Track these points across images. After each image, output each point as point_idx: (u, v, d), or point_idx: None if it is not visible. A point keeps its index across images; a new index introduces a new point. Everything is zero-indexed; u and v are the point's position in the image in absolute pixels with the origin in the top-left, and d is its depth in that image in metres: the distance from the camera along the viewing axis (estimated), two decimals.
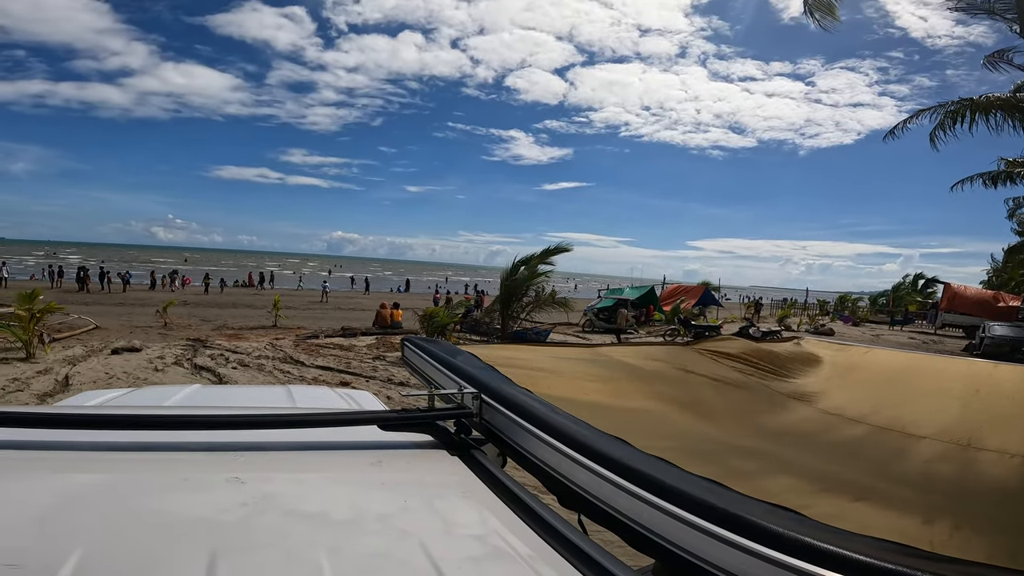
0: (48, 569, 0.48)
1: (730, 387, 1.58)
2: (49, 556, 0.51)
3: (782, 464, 1.03)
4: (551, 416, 0.92)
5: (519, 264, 14.27)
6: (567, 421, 0.90)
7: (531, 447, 0.93)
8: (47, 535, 0.57)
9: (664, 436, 1.04)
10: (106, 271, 30.09)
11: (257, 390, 2.75)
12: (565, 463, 0.82)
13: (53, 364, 7.83)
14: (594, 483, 0.75)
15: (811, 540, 0.51)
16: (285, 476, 0.82)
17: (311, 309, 22.67)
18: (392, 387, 7.60)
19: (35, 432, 0.82)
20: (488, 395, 1.10)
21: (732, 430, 1.24)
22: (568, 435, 0.84)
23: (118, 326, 13.44)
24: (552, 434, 0.87)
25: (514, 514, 0.73)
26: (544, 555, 0.63)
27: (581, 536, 0.66)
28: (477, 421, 1.11)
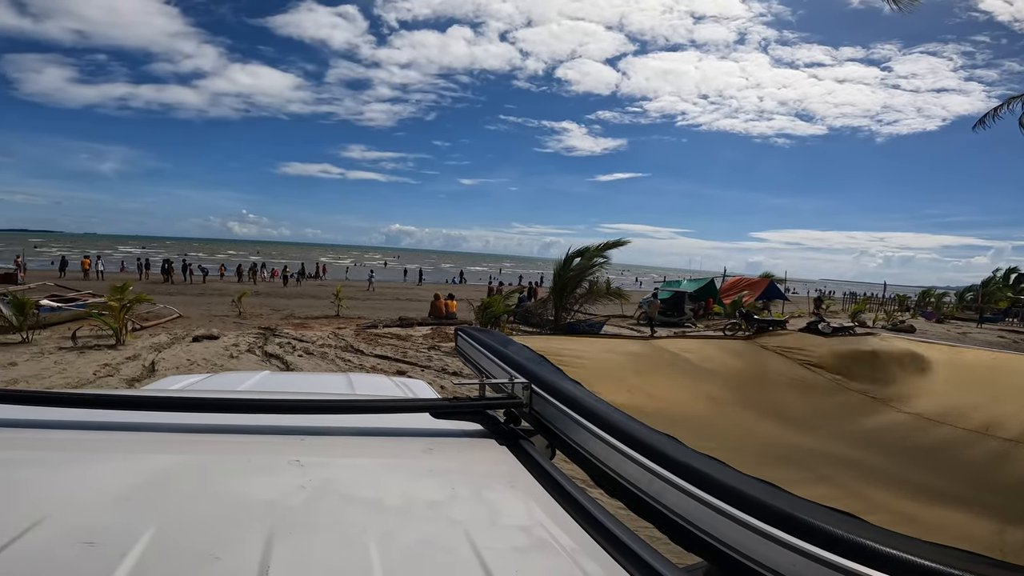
0: (121, 547, 0.52)
1: (793, 385, 1.49)
2: (123, 534, 0.55)
3: (846, 467, 0.97)
4: (601, 408, 0.91)
5: (574, 256, 14.14)
6: (617, 414, 0.88)
7: (580, 439, 0.92)
8: (124, 513, 0.61)
9: (718, 434, 1.00)
10: (188, 263, 32.50)
11: (320, 377, 2.89)
12: (614, 456, 0.81)
13: (141, 351, 8.55)
14: (644, 478, 0.74)
15: (871, 543, 0.49)
16: (341, 460, 0.85)
17: (371, 300, 23.52)
18: (446, 376, 7.77)
19: (123, 414, 0.89)
20: (539, 386, 1.09)
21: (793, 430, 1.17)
22: (618, 428, 0.83)
23: (198, 315, 14.50)
24: (602, 426, 0.86)
25: (560, 506, 0.72)
26: (588, 549, 0.62)
27: (627, 532, 0.64)
28: (527, 411, 1.11)
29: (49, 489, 0.66)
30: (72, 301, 12.23)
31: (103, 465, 0.76)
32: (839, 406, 1.39)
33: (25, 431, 0.85)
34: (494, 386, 1.27)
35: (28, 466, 0.74)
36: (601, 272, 14.38)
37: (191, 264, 32.56)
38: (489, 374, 1.49)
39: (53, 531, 0.54)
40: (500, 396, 1.16)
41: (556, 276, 14.25)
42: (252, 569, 0.51)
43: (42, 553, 0.50)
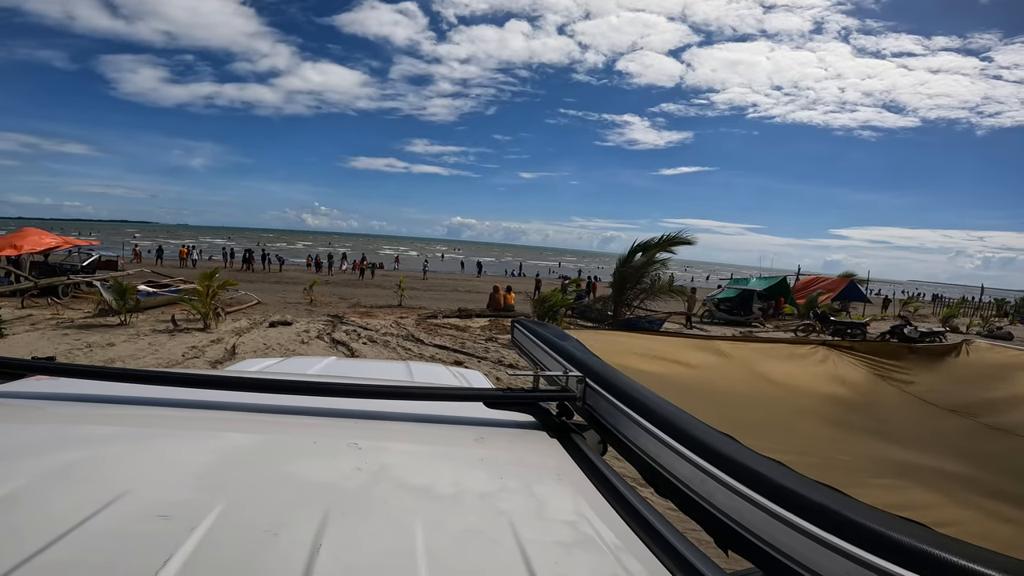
0: (191, 521, 0.56)
1: (868, 391, 1.39)
2: (195, 509, 0.58)
3: (921, 477, 0.89)
4: (655, 404, 0.89)
5: (635, 250, 13.83)
6: (672, 411, 0.86)
7: (632, 435, 0.90)
8: (197, 489, 0.65)
9: (780, 437, 0.95)
10: (267, 253, 34.78)
11: (381, 364, 3.00)
12: (666, 454, 0.79)
13: (224, 335, 9.24)
14: (695, 477, 0.71)
15: (939, 553, 0.45)
16: (396, 445, 0.88)
17: (431, 290, 24.15)
18: (502, 368, 7.86)
19: (205, 392, 0.96)
20: (593, 379, 1.08)
21: (864, 437, 1.09)
22: (672, 425, 0.81)
23: (274, 302, 15.47)
24: (655, 423, 0.84)
25: (608, 503, 0.71)
26: (633, 548, 0.61)
27: (675, 533, 0.62)
28: (580, 405, 1.10)
29: (136, 463, 0.72)
30: (166, 287, 13.39)
31: (184, 442, 0.82)
32: (919, 415, 1.28)
33: (119, 407, 0.93)
34: (548, 378, 1.27)
35: (120, 441, 0.82)
36: (663, 268, 13.97)
37: (269, 254, 34.80)
38: (544, 366, 1.49)
39: (134, 505, 0.59)
40: (554, 389, 1.15)
41: (616, 271, 14.00)
42: (305, 547, 0.53)
43: (121, 526, 0.54)
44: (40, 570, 0.45)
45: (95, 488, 0.61)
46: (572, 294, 14.54)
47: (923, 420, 1.25)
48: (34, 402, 0.93)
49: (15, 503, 0.56)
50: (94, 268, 16.08)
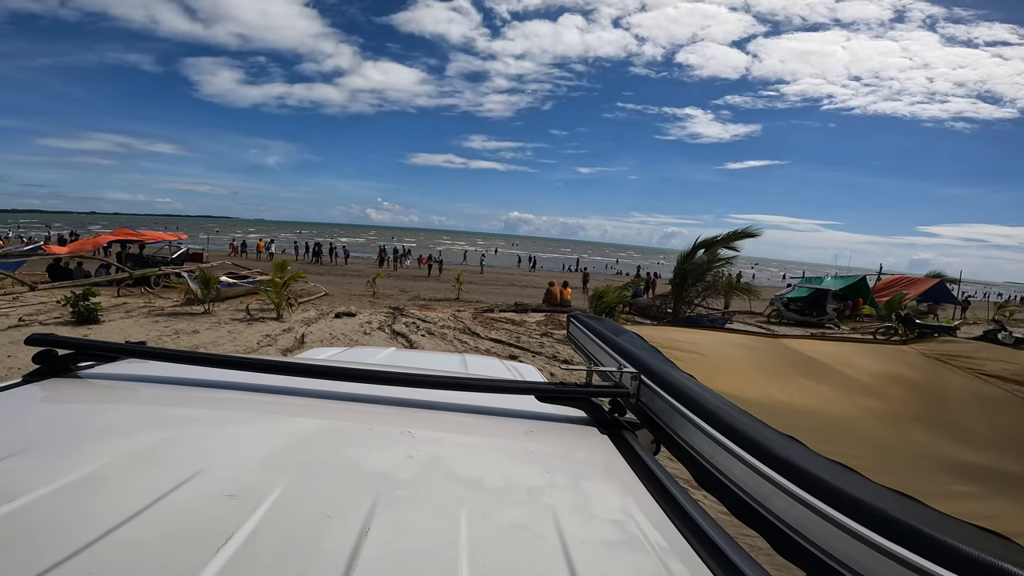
0: (254, 502, 0.59)
1: (955, 395, 1.26)
2: (259, 490, 0.62)
3: (1008, 485, 0.80)
4: (713, 404, 0.85)
5: (698, 246, 13.35)
6: (731, 412, 0.82)
7: (687, 435, 0.87)
8: (262, 471, 0.69)
9: (849, 441, 0.88)
10: (334, 247, 36.51)
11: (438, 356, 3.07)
12: (721, 456, 0.76)
13: (294, 324, 9.77)
14: (751, 480, 0.68)
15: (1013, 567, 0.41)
16: (447, 435, 0.89)
17: (488, 284, 24.41)
18: (556, 364, 7.82)
19: (276, 378, 1.03)
20: (648, 377, 1.05)
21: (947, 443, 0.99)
22: (730, 427, 0.77)
23: (340, 293, 16.20)
24: (712, 423, 0.80)
25: (656, 503, 0.69)
26: (679, 550, 0.59)
27: (726, 538, 0.60)
28: (633, 402, 1.07)
29: (211, 444, 0.78)
30: (244, 278, 14.34)
31: (254, 425, 0.88)
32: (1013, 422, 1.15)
33: (200, 390, 1.01)
34: (602, 374, 1.25)
35: (198, 422, 0.88)
36: (727, 265, 13.38)
37: (336, 248, 36.50)
38: (598, 362, 1.47)
39: (206, 484, 0.63)
40: (607, 385, 1.13)
41: (677, 267, 13.58)
42: (355, 531, 0.55)
43: (193, 504, 0.59)
44: (118, 545, 0.49)
45: (174, 467, 0.66)
46: (630, 290, 14.21)
47: (1013, 425, 1.13)
48: (126, 383, 1.02)
49: (102, 479, 0.62)
50: (182, 260, 17.48)
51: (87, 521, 0.52)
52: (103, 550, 0.48)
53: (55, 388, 0.96)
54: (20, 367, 0.90)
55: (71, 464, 0.64)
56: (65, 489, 0.58)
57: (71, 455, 0.68)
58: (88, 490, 0.59)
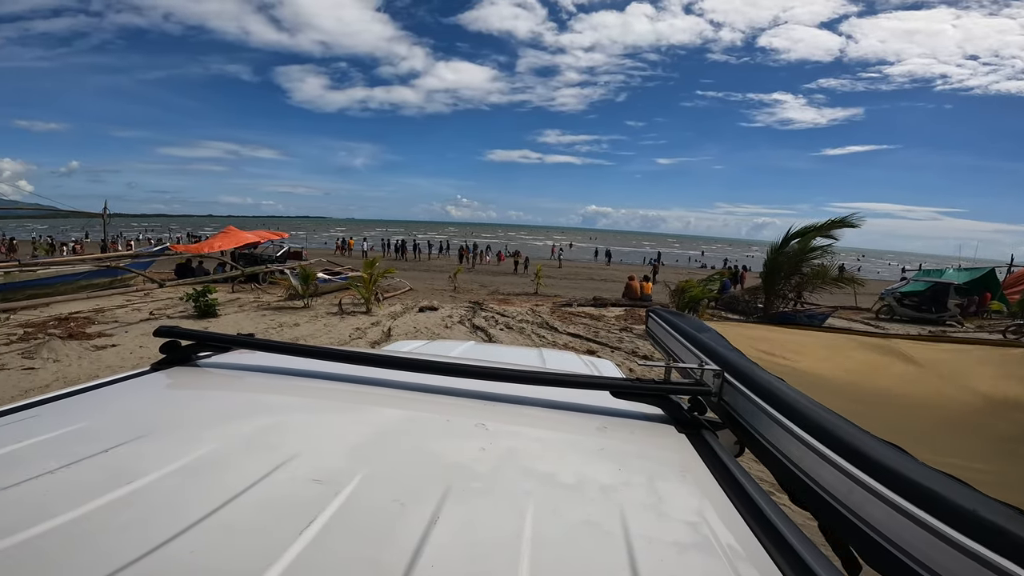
0: (336, 487, 0.64)
1: None
2: (341, 477, 0.67)
3: None
4: (804, 406, 0.80)
5: (791, 237, 12.41)
6: (824, 414, 0.76)
7: (773, 437, 0.82)
8: (347, 458, 0.74)
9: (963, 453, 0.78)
10: (417, 243, 38.16)
11: (515, 350, 3.10)
12: (811, 458, 0.71)
13: (382, 318, 10.31)
14: (844, 487, 0.63)
15: None
16: (520, 428, 0.91)
17: (566, 279, 24.30)
18: (635, 359, 7.63)
19: (364, 369, 1.10)
20: (732, 374, 1.01)
21: None
22: (822, 429, 0.72)
23: (423, 288, 16.88)
24: (802, 424, 0.75)
25: (733, 506, 0.66)
26: (755, 557, 0.56)
27: (809, 546, 0.56)
28: (715, 401, 1.03)
29: (305, 431, 0.84)
30: (338, 275, 15.36)
31: (342, 414, 0.94)
32: None
33: (298, 379, 1.10)
34: (682, 371, 1.21)
35: (294, 410, 0.96)
36: (826, 255, 12.31)
37: (419, 244, 38.10)
38: (678, 358, 1.42)
39: (297, 469, 0.69)
40: (687, 382, 1.10)
41: (768, 259, 12.71)
42: (425, 519, 0.58)
43: (283, 488, 0.64)
44: (217, 526, 0.55)
45: (271, 452, 0.73)
46: (716, 284, 13.50)
47: None
48: (236, 372, 1.14)
49: (211, 463, 0.69)
50: (285, 259, 19.05)
51: (194, 502, 0.59)
52: (204, 531, 0.54)
53: (178, 376, 1.10)
54: (151, 356, 1.06)
55: (186, 447, 0.73)
56: (179, 471, 0.66)
57: (186, 439, 0.77)
58: (198, 472, 0.66)
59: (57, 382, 5.74)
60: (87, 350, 7.06)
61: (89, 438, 0.75)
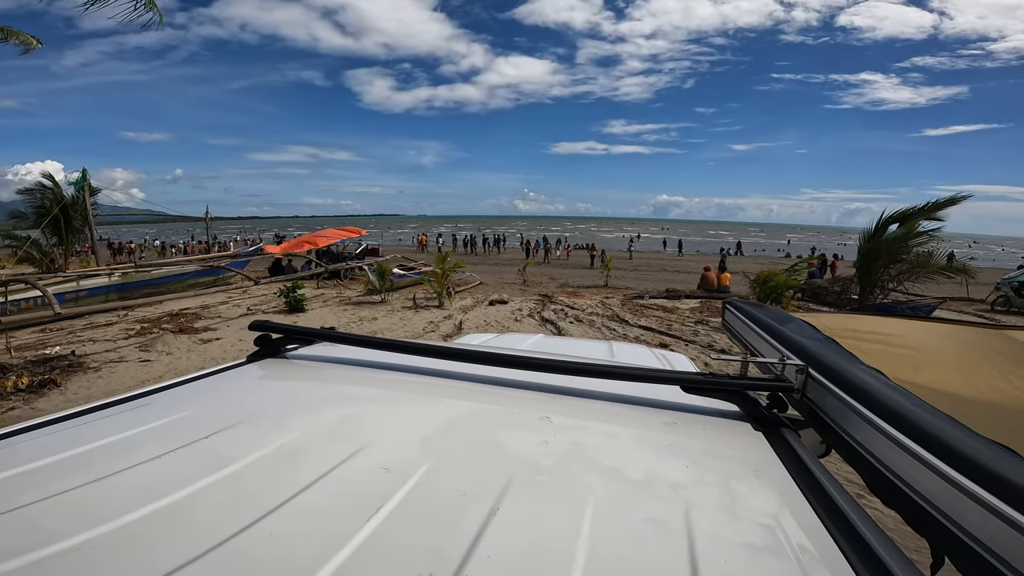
0: (404, 475, 0.66)
1: None
2: (409, 466, 0.69)
3: None
4: (901, 404, 0.73)
5: (888, 222, 11.32)
6: (925, 414, 0.69)
7: (864, 437, 0.75)
8: (415, 448, 0.77)
9: None
10: (486, 238, 38.78)
11: (584, 343, 3.06)
12: (906, 462, 0.64)
13: (454, 312, 10.58)
14: (943, 493, 0.57)
15: None
16: (584, 422, 0.90)
17: (637, 270, 23.70)
18: (712, 353, 7.30)
19: (436, 362, 1.13)
20: (818, 370, 0.94)
21: None
22: (921, 429, 0.65)
23: (492, 282, 17.13)
24: (898, 425, 0.69)
25: (812, 510, 0.62)
26: (834, 565, 0.52)
27: (899, 557, 0.51)
28: (798, 398, 0.97)
29: (378, 420, 0.89)
30: (412, 270, 15.96)
31: (414, 405, 0.98)
32: None
33: (374, 371, 1.15)
34: (761, 366, 1.14)
35: (370, 400, 1.01)
36: (931, 240, 11.10)
37: (488, 238, 38.69)
38: (757, 352, 1.35)
39: (368, 458, 0.72)
40: (766, 377, 1.04)
41: (862, 246, 11.67)
42: (485, 509, 0.59)
43: (355, 475, 0.68)
44: (294, 511, 0.59)
45: (347, 441, 0.77)
46: (801, 273, 12.56)
47: None
48: (319, 364, 1.22)
49: (294, 450, 0.74)
50: (364, 255, 20.06)
51: (277, 487, 0.63)
52: (283, 514, 0.58)
53: (269, 367, 1.19)
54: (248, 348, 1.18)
55: (273, 435, 0.79)
56: (266, 457, 0.71)
57: (274, 427, 0.83)
58: (283, 459, 0.72)
59: (169, 373, 6.41)
60: (195, 343, 7.83)
61: (192, 425, 0.82)
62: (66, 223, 17.58)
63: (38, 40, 8.26)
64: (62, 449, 0.73)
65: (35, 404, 5.26)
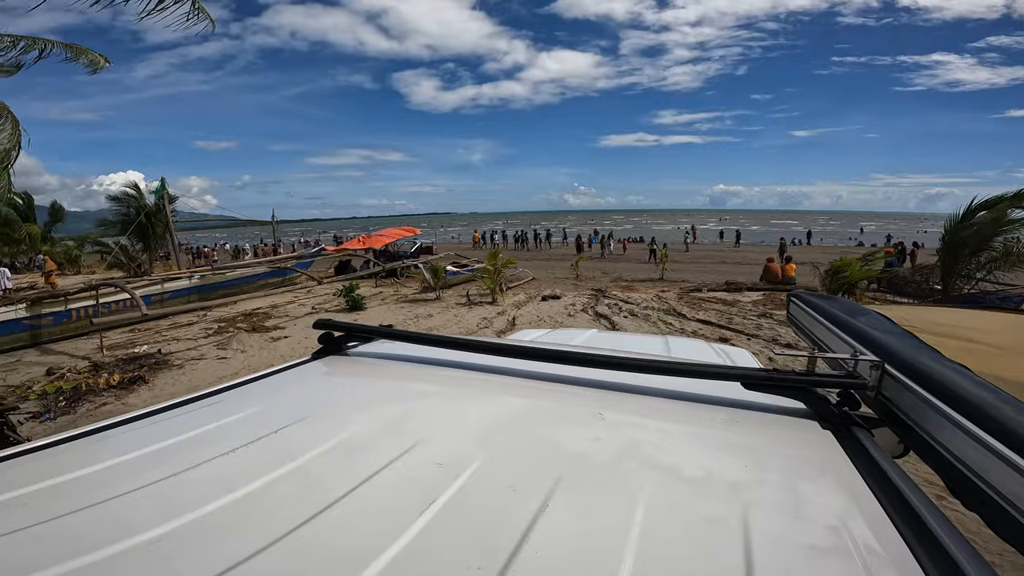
0: (457, 471, 0.68)
1: None
2: (461, 461, 0.71)
3: None
4: (990, 403, 0.67)
5: (977, 208, 10.36)
6: (1018, 414, 0.63)
7: (947, 438, 0.70)
8: (467, 443, 0.78)
9: None
10: (537, 233, 38.73)
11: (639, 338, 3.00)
12: (995, 464, 0.60)
13: (507, 308, 10.66)
14: None
15: None
16: (638, 419, 0.88)
17: (694, 263, 22.95)
18: (777, 348, 6.96)
19: (489, 358, 1.15)
20: (896, 366, 0.88)
21: None
22: (1012, 431, 0.60)
23: (545, 277, 17.11)
24: (986, 426, 0.64)
25: (886, 514, 0.58)
26: (905, 570, 0.49)
27: (980, 564, 0.47)
28: (871, 396, 0.91)
29: (433, 416, 0.91)
30: (465, 267, 16.22)
31: (467, 401, 0.99)
32: None
33: (429, 367, 1.18)
34: (830, 361, 1.09)
35: (426, 396, 1.04)
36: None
37: (540, 234, 38.64)
38: (826, 346, 1.28)
39: (423, 453, 0.74)
40: (836, 374, 0.98)
41: (948, 233, 10.75)
42: (534, 506, 0.59)
43: (410, 470, 0.70)
44: (353, 503, 0.61)
45: (403, 436, 0.80)
46: (877, 263, 11.71)
47: None
48: (378, 361, 1.26)
49: (354, 445, 0.78)
50: (418, 254, 20.59)
51: (337, 480, 0.66)
52: (342, 507, 0.60)
53: (331, 364, 1.24)
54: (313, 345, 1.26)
55: (335, 430, 0.83)
56: (328, 452, 0.75)
57: (336, 422, 0.88)
58: (343, 453, 0.75)
59: (244, 369, 6.86)
60: (266, 341, 8.32)
61: (263, 420, 0.88)
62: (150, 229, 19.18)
63: (106, 59, 8.86)
64: (148, 443, 0.79)
65: (126, 400, 5.78)
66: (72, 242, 27.58)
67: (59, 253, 25.57)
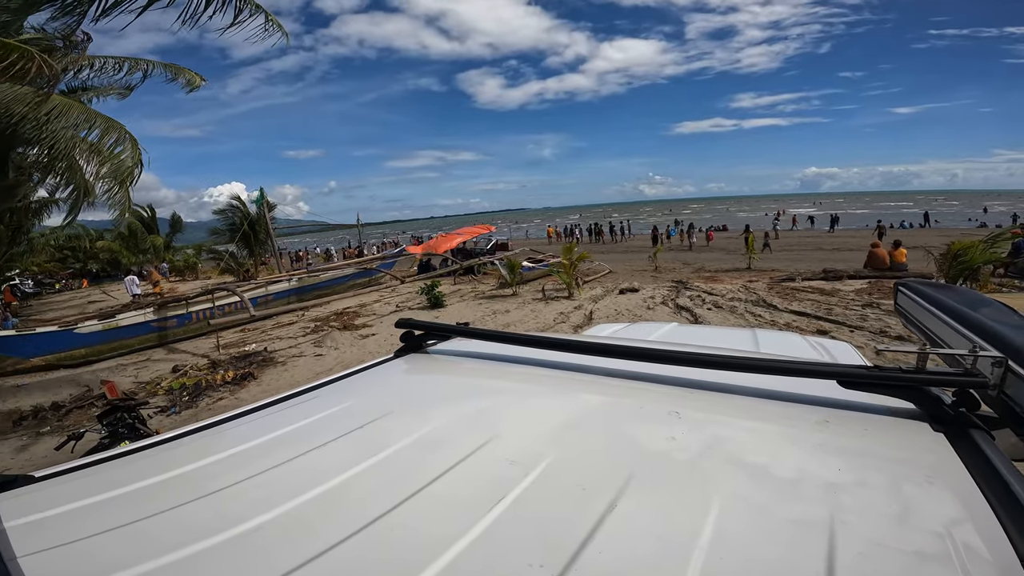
0: (528, 468, 0.69)
1: None
2: (533, 459, 0.72)
3: None
4: None
5: None
6: None
7: None
8: (540, 441, 0.79)
9: None
10: (613, 226, 37.94)
11: (724, 331, 2.86)
12: None
13: (584, 302, 10.56)
14: None
15: None
16: (716, 417, 0.85)
17: (785, 251, 21.40)
18: (886, 341, 6.33)
19: (564, 355, 1.15)
20: (1021, 362, 0.78)
21: None
22: None
23: (622, 270, 16.74)
24: None
25: (1002, 527, 0.52)
26: None
27: None
28: (993, 395, 0.82)
29: (507, 413, 0.93)
30: (540, 262, 16.28)
31: (540, 399, 1.01)
32: None
33: (504, 364, 1.21)
34: (945, 357, 0.99)
35: (501, 393, 1.06)
36: None
37: (615, 226, 37.82)
38: (939, 340, 1.17)
39: (496, 449, 0.76)
40: (950, 371, 0.89)
41: None
42: (603, 505, 0.59)
43: (483, 466, 0.72)
44: (428, 497, 0.64)
45: (478, 432, 0.82)
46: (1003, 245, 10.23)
47: None
48: (455, 358, 1.31)
49: (433, 440, 0.81)
50: (495, 250, 20.94)
51: (416, 474, 0.70)
52: (418, 500, 0.63)
53: (412, 361, 1.31)
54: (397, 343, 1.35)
55: (415, 426, 0.87)
56: (409, 447, 0.79)
57: (416, 418, 0.92)
58: (422, 448, 0.79)
59: (338, 365, 7.36)
60: (356, 339, 8.87)
61: (350, 416, 0.95)
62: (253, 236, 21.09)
63: (201, 77, 9.74)
64: (252, 438, 0.88)
65: (238, 395, 6.41)
66: (191, 250, 31.07)
67: (180, 261, 28.87)
